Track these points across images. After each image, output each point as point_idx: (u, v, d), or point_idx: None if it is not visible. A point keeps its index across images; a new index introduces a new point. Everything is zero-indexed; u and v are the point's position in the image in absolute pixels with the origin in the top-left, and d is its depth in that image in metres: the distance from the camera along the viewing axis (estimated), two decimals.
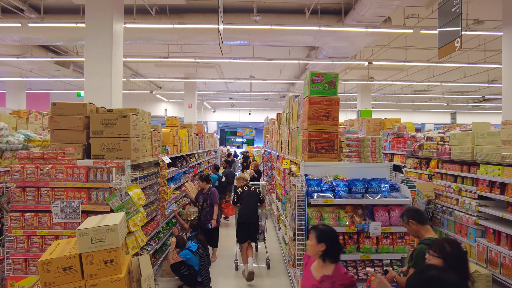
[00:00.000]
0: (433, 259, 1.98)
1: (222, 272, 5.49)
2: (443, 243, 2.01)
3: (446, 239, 2.10)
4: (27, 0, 8.39)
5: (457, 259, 1.93)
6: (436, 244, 2.04)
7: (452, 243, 2.02)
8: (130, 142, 3.77)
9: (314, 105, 3.74)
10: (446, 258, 1.93)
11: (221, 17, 5.25)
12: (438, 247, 2.00)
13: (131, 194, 3.42)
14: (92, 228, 2.66)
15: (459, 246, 2.01)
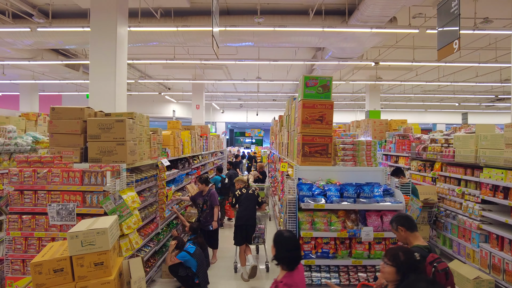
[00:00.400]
0: (387, 267, 1.98)
1: (222, 274, 5.52)
2: (397, 251, 2.02)
3: (400, 248, 2.10)
4: (37, 5, 8.63)
5: (409, 268, 1.94)
6: (390, 252, 2.05)
7: (406, 252, 2.02)
8: (126, 145, 3.83)
9: (308, 108, 3.72)
10: (399, 266, 1.94)
11: (216, 21, 5.28)
12: (392, 256, 2.00)
13: (125, 197, 3.48)
14: (83, 231, 2.72)
15: (413, 255, 2.01)
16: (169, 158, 5.52)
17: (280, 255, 2.25)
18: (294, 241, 2.29)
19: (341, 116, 23.65)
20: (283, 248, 2.25)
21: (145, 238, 4.57)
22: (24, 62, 10.81)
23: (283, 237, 2.30)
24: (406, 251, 2.03)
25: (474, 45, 10.70)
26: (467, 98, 19.57)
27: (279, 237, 2.30)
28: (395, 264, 1.95)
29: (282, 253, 2.24)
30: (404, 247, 2.17)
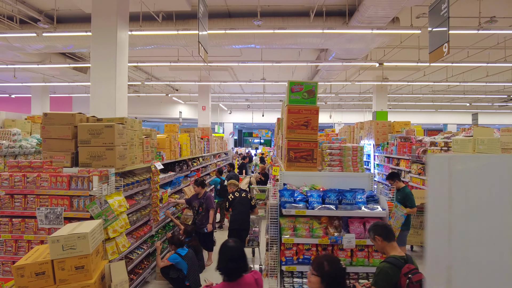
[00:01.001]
0: (312, 277, 1.97)
1: (216, 276, 5.55)
2: (322, 261, 2.00)
3: (327, 257, 2.09)
4: (43, 10, 8.86)
5: (333, 277, 1.93)
6: (316, 261, 2.04)
7: (332, 261, 2.00)
8: (115, 150, 3.91)
9: (293, 114, 3.72)
10: (323, 276, 1.93)
11: (204, 26, 5.31)
12: (317, 265, 1.99)
13: (111, 201, 3.55)
14: (64, 236, 2.80)
15: (338, 264, 1.99)
16: (164, 161, 5.59)
17: (220, 264, 2.27)
18: (236, 251, 2.30)
19: (349, 116, 23.43)
20: (224, 258, 2.27)
21: (138, 240, 4.65)
22: (33, 65, 11.12)
23: (226, 247, 2.32)
24: (331, 261, 2.01)
25: (481, 44, 10.44)
26: (479, 98, 19.11)
27: (222, 247, 2.34)
28: (320, 273, 1.94)
29: (222, 263, 2.26)
30: (330, 256, 2.15)
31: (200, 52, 4.98)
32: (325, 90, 17.65)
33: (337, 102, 21.57)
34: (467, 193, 0.56)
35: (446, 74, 13.72)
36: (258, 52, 11.60)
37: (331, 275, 1.93)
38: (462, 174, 0.55)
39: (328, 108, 22.49)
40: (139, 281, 4.70)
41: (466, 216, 0.57)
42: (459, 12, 8.58)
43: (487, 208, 0.56)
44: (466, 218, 0.56)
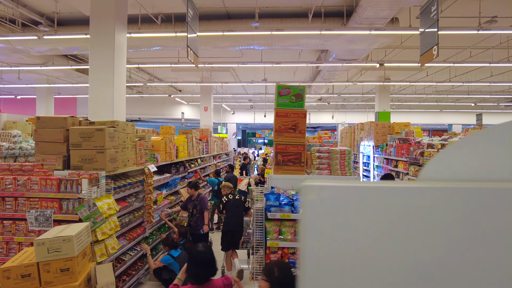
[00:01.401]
0: (262, 282, 1.98)
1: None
2: (273, 267, 2.01)
3: (278, 263, 2.09)
4: (45, 13, 8.99)
5: (282, 284, 1.93)
6: (267, 267, 2.04)
7: (282, 268, 2.00)
8: (106, 153, 3.96)
9: (281, 117, 3.73)
10: (273, 281, 1.93)
11: (193, 29, 5.34)
12: (267, 271, 2.00)
13: (100, 204, 3.60)
14: (49, 239, 2.85)
15: (289, 271, 1.99)
16: (159, 163, 5.63)
17: (188, 268, 2.30)
18: (205, 256, 2.32)
19: (352, 117, 23.32)
20: (192, 262, 2.29)
21: (131, 242, 4.70)
22: (36, 67, 11.27)
23: (195, 251, 2.35)
24: (282, 267, 2.01)
25: (484, 44, 10.32)
26: (485, 98, 18.88)
27: (191, 251, 2.37)
28: (269, 279, 1.95)
29: (191, 267, 2.29)
30: (282, 263, 2.17)
31: (189, 56, 5.01)
32: (327, 90, 17.58)
33: (341, 102, 21.48)
34: (335, 222, 0.56)
35: (449, 74, 13.58)
36: (259, 53, 11.61)
37: (280, 282, 1.93)
38: (330, 202, 0.55)
39: (331, 108, 22.41)
40: (132, 282, 4.75)
41: (333, 244, 0.56)
42: (460, 12, 8.49)
43: (352, 237, 0.55)
44: (332, 247, 0.56)
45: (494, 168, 0.55)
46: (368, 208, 0.54)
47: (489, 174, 0.54)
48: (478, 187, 0.51)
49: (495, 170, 0.54)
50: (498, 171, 0.54)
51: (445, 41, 10.49)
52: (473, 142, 0.57)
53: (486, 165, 0.55)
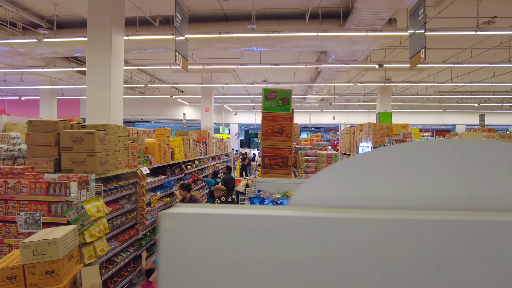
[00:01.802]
0: None
1: None
2: None
3: None
4: (45, 16, 9.11)
5: None
6: None
7: None
8: (96, 157, 4.01)
9: (268, 121, 3.75)
10: None
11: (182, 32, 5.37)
12: None
13: (88, 207, 3.65)
14: (34, 242, 2.90)
15: None
16: (153, 165, 5.68)
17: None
18: None
19: (355, 117, 23.23)
20: None
21: (123, 243, 4.75)
22: (37, 69, 11.42)
23: None
24: None
25: (484, 44, 10.22)
26: (489, 99, 18.69)
27: None
28: None
29: None
30: None
31: (178, 60, 5.05)
32: (328, 91, 17.55)
33: (343, 103, 21.42)
34: (191, 252, 0.54)
35: (450, 74, 13.47)
36: (259, 55, 11.63)
37: None
38: (188, 231, 0.53)
39: (333, 109, 22.34)
40: (124, 283, 4.80)
41: (187, 276, 0.54)
42: (458, 12, 8.43)
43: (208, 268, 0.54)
44: (187, 279, 0.54)
45: (371, 194, 0.55)
46: (228, 238, 0.52)
47: (366, 202, 0.55)
48: (343, 217, 0.50)
49: (372, 198, 0.55)
50: (372, 198, 0.55)
51: (445, 41, 10.42)
52: (347, 166, 0.58)
53: (364, 192, 0.55)
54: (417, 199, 0.54)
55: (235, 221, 0.51)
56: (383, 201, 0.54)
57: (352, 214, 0.50)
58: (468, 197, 0.53)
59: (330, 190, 0.55)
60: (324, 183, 0.56)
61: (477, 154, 0.54)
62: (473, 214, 0.50)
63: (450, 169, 0.55)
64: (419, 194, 0.54)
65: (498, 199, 0.52)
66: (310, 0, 7.84)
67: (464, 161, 0.55)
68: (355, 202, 0.55)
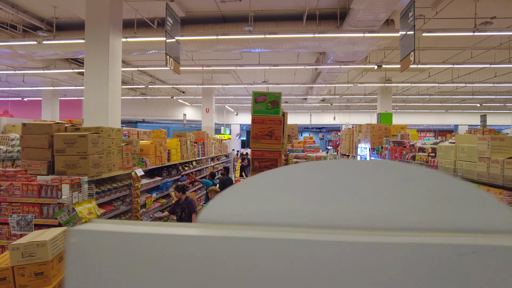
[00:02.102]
0: None
1: None
2: None
3: None
4: (45, 18, 9.20)
5: None
6: None
7: None
8: (89, 159, 4.06)
9: (257, 124, 3.77)
10: None
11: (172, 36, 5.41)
12: None
13: (80, 209, 3.69)
14: (23, 244, 2.94)
15: None
16: (148, 167, 5.72)
17: None
18: None
19: (357, 117, 23.17)
20: None
21: None
22: (39, 71, 11.54)
23: None
24: None
25: (484, 45, 10.17)
26: (491, 99, 18.55)
27: None
28: None
29: None
30: None
31: (169, 64, 5.08)
32: (329, 91, 17.53)
33: (344, 103, 21.38)
34: (95, 271, 0.53)
35: (451, 75, 13.40)
36: (258, 56, 11.65)
37: None
38: (93, 249, 0.54)
39: (335, 109, 22.30)
40: None
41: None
42: (457, 13, 8.40)
43: None
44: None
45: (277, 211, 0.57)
46: (131, 256, 0.51)
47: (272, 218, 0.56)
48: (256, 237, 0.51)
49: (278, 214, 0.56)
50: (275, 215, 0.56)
51: (444, 42, 10.38)
52: (256, 184, 0.60)
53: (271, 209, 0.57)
54: (325, 218, 0.56)
55: (138, 239, 0.52)
56: (288, 219, 0.56)
57: (253, 232, 0.51)
58: (375, 216, 0.55)
59: (238, 208, 0.57)
60: (233, 200, 0.58)
61: (382, 175, 0.56)
62: (373, 234, 0.52)
63: (356, 189, 0.56)
64: (325, 213, 0.56)
65: (403, 219, 0.54)
66: (308, 1, 7.84)
67: (371, 181, 0.56)
68: (260, 219, 0.56)
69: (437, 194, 0.53)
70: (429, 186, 0.54)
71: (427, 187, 0.54)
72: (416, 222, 0.51)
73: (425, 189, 0.54)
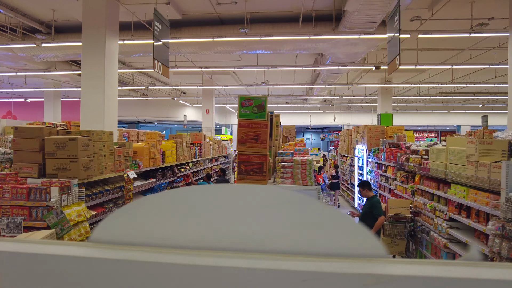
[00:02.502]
0: None
1: None
2: None
3: None
4: (44, 21, 9.31)
5: None
6: None
7: None
8: (79, 162, 4.12)
9: (243, 128, 3.80)
10: None
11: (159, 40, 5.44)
12: None
13: (68, 211, 3.76)
14: None
15: None
16: (141, 169, 5.78)
17: None
18: None
19: (358, 118, 23.11)
20: None
21: None
22: (39, 73, 11.68)
23: None
24: None
25: (482, 45, 10.11)
26: (494, 99, 18.40)
27: None
28: None
29: None
30: None
31: (157, 68, 5.13)
32: (329, 92, 17.51)
33: (346, 104, 21.33)
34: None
35: (451, 75, 13.31)
36: (259, 57, 11.67)
37: None
38: None
39: (336, 110, 22.26)
40: None
41: None
42: (454, 14, 8.36)
43: None
44: None
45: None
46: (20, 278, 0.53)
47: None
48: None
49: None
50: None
51: (443, 43, 10.31)
52: (145, 204, 0.63)
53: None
54: (210, 239, 0.58)
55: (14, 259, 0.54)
56: (178, 240, 0.59)
57: (130, 253, 0.54)
58: (246, 239, 0.58)
59: (131, 228, 0.60)
60: (127, 219, 0.61)
61: (260, 200, 0.58)
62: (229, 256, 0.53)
63: (240, 211, 0.59)
64: (209, 234, 0.59)
65: (271, 242, 0.56)
66: (303, 3, 7.85)
67: (247, 206, 0.59)
68: (146, 240, 0.59)
69: (305, 219, 0.56)
70: (299, 211, 0.57)
71: (298, 212, 0.57)
72: (283, 245, 0.54)
73: (295, 214, 0.56)
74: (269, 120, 4.33)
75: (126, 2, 7.61)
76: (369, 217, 5.13)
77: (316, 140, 30.31)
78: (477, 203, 4.10)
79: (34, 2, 8.16)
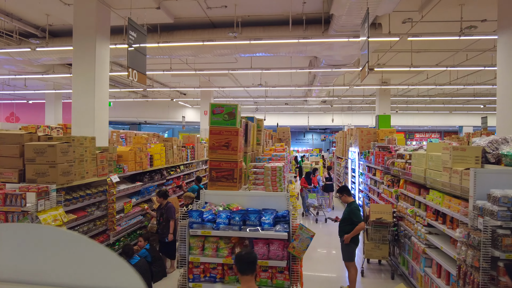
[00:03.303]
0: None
1: (174, 284, 5.78)
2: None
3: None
4: (39, 26, 9.47)
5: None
6: None
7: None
8: (58, 168, 4.22)
9: (215, 135, 3.86)
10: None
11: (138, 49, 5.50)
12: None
13: (44, 216, 3.85)
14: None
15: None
16: (126, 173, 5.87)
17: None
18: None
19: (358, 118, 23.02)
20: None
21: None
22: (37, 75, 11.88)
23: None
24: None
25: (476, 46, 10.02)
26: (495, 100, 18.17)
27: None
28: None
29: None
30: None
31: (132, 76, 5.21)
32: (328, 93, 17.48)
33: (345, 105, 21.27)
34: None
35: (449, 76, 13.20)
36: (254, 59, 11.71)
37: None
38: None
39: (337, 110, 22.21)
40: None
41: None
42: (445, 16, 8.32)
43: None
44: None
45: None
46: None
47: None
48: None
49: None
50: None
51: (437, 44, 10.23)
52: None
53: None
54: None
55: None
56: None
57: None
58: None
59: None
60: None
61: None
62: None
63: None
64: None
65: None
66: (293, 6, 7.88)
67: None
68: None
69: (76, 255, 0.61)
70: (70, 248, 0.62)
71: (69, 250, 0.62)
72: (55, 279, 0.59)
73: (67, 251, 0.62)
74: (243, 126, 4.39)
75: (117, 7, 7.71)
76: (348, 223, 5.15)
77: (318, 141, 30.29)
78: (450, 209, 4.11)
79: (29, 7, 8.32)
